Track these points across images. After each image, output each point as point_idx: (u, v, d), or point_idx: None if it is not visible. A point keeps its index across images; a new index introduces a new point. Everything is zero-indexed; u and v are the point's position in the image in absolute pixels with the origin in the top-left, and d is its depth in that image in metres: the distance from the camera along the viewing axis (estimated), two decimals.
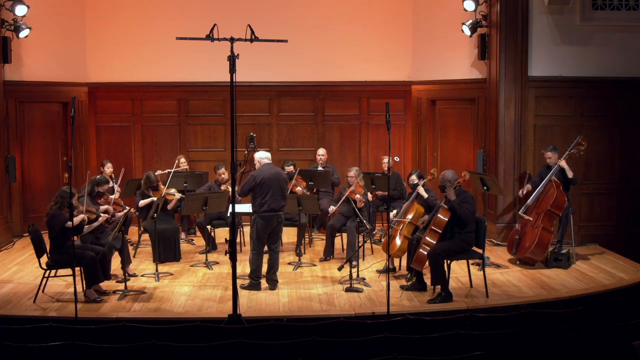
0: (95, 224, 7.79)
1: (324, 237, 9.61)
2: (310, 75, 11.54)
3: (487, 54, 10.13)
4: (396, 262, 8.75)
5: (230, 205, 7.09)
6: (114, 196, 8.74)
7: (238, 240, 9.61)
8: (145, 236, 9.45)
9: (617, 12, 9.89)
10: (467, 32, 10.14)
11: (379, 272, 8.52)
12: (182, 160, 10.40)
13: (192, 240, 10.42)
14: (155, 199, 9.05)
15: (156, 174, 9.65)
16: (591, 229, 10.05)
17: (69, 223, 6.90)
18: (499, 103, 9.83)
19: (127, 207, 8.57)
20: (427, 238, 7.66)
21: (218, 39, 6.59)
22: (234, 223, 6.85)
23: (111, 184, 9.42)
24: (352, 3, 11.66)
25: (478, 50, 10.27)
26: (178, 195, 9.41)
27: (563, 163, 8.82)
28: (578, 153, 8.95)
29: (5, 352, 5.21)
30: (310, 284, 8.13)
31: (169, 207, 9.29)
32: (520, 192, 9.24)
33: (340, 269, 8.02)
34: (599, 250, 9.65)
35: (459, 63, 10.77)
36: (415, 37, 11.60)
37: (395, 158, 10.34)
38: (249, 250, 8.09)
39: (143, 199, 9.19)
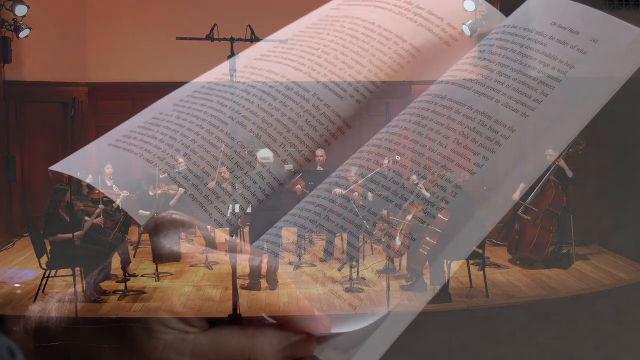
0: (95, 212, 7.81)
1: (324, 237, 9.60)
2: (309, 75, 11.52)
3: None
4: (396, 262, 8.75)
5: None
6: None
7: (238, 240, 9.61)
8: (145, 236, 9.44)
9: (617, 11, 9.90)
10: (467, 32, 10.13)
11: (379, 272, 8.51)
12: (180, 160, 10.37)
13: (192, 240, 10.41)
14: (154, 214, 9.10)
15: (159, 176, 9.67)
16: (591, 229, 10.04)
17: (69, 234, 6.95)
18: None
19: (122, 192, 8.64)
20: (427, 238, 7.65)
21: (218, 39, 6.61)
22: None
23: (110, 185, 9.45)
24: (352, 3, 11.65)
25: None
26: (181, 190, 9.42)
27: (562, 163, 8.82)
28: (576, 152, 8.93)
29: (5, 352, 5.23)
30: (310, 284, 8.12)
31: (171, 203, 9.27)
32: (515, 195, 9.15)
33: (340, 269, 8.00)
34: (599, 250, 9.65)
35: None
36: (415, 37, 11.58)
37: (395, 157, 10.33)
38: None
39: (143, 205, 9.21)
